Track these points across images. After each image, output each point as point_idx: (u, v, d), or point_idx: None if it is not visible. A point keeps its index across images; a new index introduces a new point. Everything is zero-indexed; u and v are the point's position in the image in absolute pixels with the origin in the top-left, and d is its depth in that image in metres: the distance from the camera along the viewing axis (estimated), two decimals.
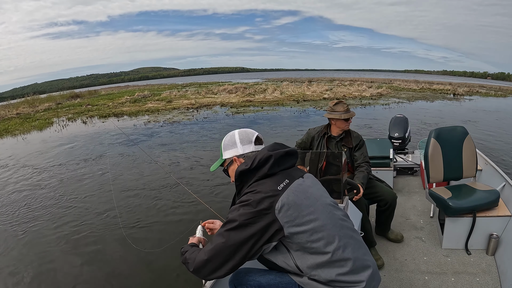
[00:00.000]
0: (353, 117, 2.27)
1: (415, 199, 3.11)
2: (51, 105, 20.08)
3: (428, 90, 21.59)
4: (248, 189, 1.03)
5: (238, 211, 0.98)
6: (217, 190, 4.49)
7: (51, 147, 8.21)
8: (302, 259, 1.00)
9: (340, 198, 1.72)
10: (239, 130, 1.20)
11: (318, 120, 9.91)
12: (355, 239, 1.06)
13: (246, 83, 31.81)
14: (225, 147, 1.19)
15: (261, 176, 1.03)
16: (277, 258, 1.06)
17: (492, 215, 2.09)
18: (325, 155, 2.11)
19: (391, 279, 1.97)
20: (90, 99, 23.15)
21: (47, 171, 6.01)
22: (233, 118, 11.09)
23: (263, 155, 1.05)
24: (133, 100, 19.10)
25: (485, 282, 1.86)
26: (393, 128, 3.98)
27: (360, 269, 1.00)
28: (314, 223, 0.98)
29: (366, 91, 18.89)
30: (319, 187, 1.14)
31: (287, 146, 1.17)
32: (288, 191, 0.99)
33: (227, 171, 1.21)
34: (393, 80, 31.74)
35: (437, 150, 2.29)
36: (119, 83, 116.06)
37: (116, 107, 16.34)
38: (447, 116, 10.51)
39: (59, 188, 5.02)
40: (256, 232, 0.95)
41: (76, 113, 15.30)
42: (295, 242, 0.98)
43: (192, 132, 8.99)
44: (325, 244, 0.97)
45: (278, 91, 19.39)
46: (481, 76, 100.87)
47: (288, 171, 1.09)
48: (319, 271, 0.98)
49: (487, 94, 19.70)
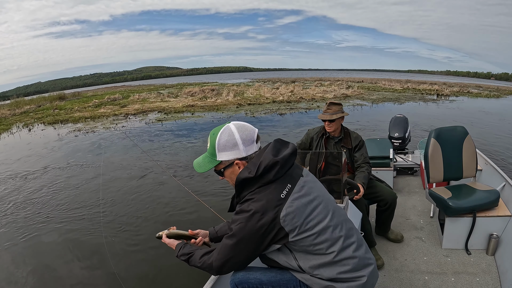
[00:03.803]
0: (340, 117, 2.21)
1: (415, 199, 3.11)
2: (31, 108, 19.67)
3: (411, 91, 20.88)
4: (249, 195, 0.98)
5: (239, 225, 0.96)
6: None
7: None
8: (304, 260, 1.01)
9: (340, 198, 1.72)
10: (236, 125, 1.03)
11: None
12: (357, 238, 1.06)
13: (224, 84, 31.55)
14: (221, 148, 1.02)
15: (264, 182, 0.98)
16: (279, 258, 1.06)
17: (492, 215, 2.09)
18: (324, 156, 2.11)
19: (391, 279, 1.97)
20: (67, 102, 22.61)
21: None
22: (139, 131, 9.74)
23: (268, 161, 0.97)
24: (98, 104, 18.66)
25: (485, 282, 1.86)
26: (393, 128, 3.98)
27: (361, 266, 1.01)
28: (319, 226, 0.98)
29: (330, 93, 18.08)
30: (320, 184, 1.14)
31: (287, 142, 1.10)
32: (292, 198, 0.97)
33: (222, 173, 1.08)
34: (379, 80, 31.03)
35: (437, 150, 2.29)
36: (122, 82, 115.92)
37: (74, 111, 15.81)
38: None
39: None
40: (262, 242, 0.97)
41: (37, 118, 14.84)
42: (299, 245, 0.98)
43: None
44: (329, 246, 0.98)
45: (232, 93, 18.74)
46: (485, 77, 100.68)
47: (289, 171, 1.04)
48: (321, 270, 0.99)
49: (478, 95, 19.10)
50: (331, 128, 2.23)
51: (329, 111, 2.20)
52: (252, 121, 10.27)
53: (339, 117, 2.20)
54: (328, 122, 2.21)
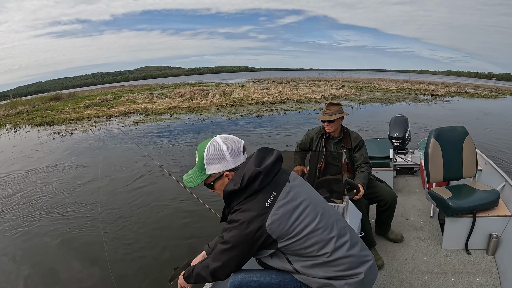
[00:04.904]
0: (339, 118, 2.20)
1: (415, 199, 3.11)
2: (25, 108, 19.60)
3: (405, 91, 20.59)
4: (237, 206, 1.02)
5: (230, 232, 1.00)
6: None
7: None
8: (298, 262, 1.02)
9: (340, 198, 1.72)
10: (222, 138, 1.07)
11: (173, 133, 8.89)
12: (350, 236, 1.06)
13: (218, 84, 31.28)
14: (209, 161, 1.05)
15: (250, 193, 1.00)
16: (274, 263, 1.08)
17: (492, 215, 2.09)
18: (324, 156, 2.11)
19: (391, 279, 1.97)
20: (61, 102, 22.48)
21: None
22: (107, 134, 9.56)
23: (251, 172, 0.99)
24: (89, 105, 18.56)
25: (485, 282, 1.86)
26: (393, 128, 3.98)
27: (357, 264, 1.02)
28: (307, 229, 0.99)
29: (318, 94, 17.79)
30: (308, 186, 1.14)
31: (272, 149, 1.11)
32: (276, 206, 0.99)
33: (212, 186, 1.10)
34: (375, 80, 30.68)
35: (437, 150, 2.29)
36: (123, 82, 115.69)
37: (63, 113, 15.69)
38: (379, 120, 9.48)
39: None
40: (251, 248, 1.00)
41: (27, 119, 14.77)
42: (291, 249, 1.00)
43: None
44: (320, 248, 0.99)
45: (218, 95, 18.60)
46: (486, 77, 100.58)
47: (275, 179, 1.05)
48: (316, 270, 1.01)
49: (475, 95, 18.80)
50: (330, 129, 2.23)
51: (328, 112, 2.20)
52: (226, 124, 10.26)
53: (338, 117, 2.19)
54: (327, 122, 2.21)
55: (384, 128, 7.99)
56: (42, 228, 3.67)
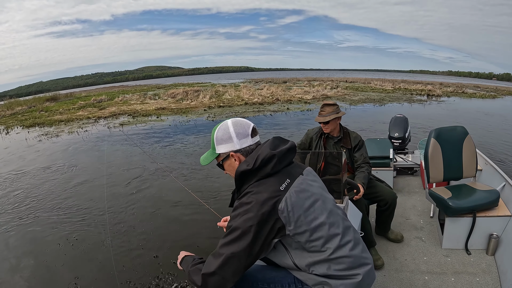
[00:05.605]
0: (334, 118, 2.19)
1: (415, 199, 3.11)
2: (22, 109, 19.48)
3: (401, 91, 20.29)
4: (249, 188, 1.01)
5: (241, 217, 0.95)
6: None
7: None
8: (300, 257, 1.01)
9: (340, 198, 1.72)
10: (233, 121, 1.12)
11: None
12: (353, 237, 1.06)
13: (214, 84, 31.09)
14: (218, 141, 1.11)
15: (263, 175, 1.01)
16: (275, 257, 1.07)
17: (492, 215, 2.09)
18: (323, 156, 2.11)
19: (391, 279, 1.97)
20: (57, 103, 22.43)
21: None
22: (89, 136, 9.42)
23: (266, 154, 1.01)
24: (83, 106, 18.53)
25: (485, 282, 1.86)
26: (393, 128, 3.98)
27: (356, 265, 1.02)
28: (315, 221, 0.98)
29: (309, 94, 17.61)
30: (320, 183, 1.14)
31: (287, 140, 1.14)
32: (290, 191, 0.99)
33: (222, 165, 1.16)
34: (372, 80, 30.42)
35: (437, 150, 2.29)
36: (123, 82, 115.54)
37: (56, 114, 15.62)
38: (367, 121, 9.36)
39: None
40: (261, 236, 0.95)
41: (21, 120, 14.64)
42: (295, 241, 0.98)
43: None
44: (324, 243, 0.98)
45: (209, 95, 18.49)
46: (486, 77, 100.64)
47: (288, 168, 1.07)
48: (316, 267, 1.00)
49: (472, 95, 18.44)
50: (327, 129, 2.25)
51: (323, 113, 2.21)
52: (211, 125, 9.80)
53: (333, 118, 2.19)
54: (323, 124, 2.23)
55: (375, 129, 8.21)
56: (42, 229, 3.67)
